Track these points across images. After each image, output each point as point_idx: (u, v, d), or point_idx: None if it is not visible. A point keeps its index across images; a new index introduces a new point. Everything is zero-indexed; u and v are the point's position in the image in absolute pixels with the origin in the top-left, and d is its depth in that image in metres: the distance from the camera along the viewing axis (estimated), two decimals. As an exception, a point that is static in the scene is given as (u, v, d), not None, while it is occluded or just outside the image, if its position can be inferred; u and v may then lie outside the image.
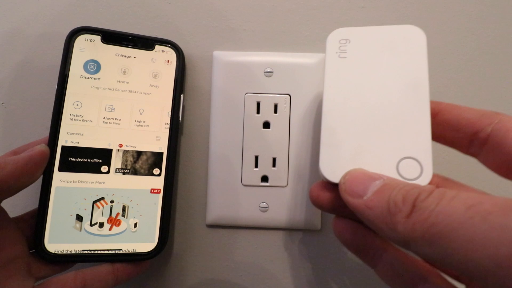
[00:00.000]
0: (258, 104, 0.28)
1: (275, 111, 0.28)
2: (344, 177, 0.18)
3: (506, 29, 0.29)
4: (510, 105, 0.29)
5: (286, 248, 0.29)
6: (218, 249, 0.29)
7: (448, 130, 0.19)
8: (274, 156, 0.28)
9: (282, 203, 0.28)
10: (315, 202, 0.20)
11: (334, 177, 0.18)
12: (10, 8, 0.29)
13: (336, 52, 0.21)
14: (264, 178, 0.28)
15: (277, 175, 0.28)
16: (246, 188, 0.28)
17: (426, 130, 0.18)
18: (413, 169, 0.18)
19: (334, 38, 0.21)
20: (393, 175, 0.18)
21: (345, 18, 0.29)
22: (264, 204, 0.28)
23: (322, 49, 0.29)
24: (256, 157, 0.28)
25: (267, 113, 0.28)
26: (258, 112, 0.28)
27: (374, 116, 0.19)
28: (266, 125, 0.28)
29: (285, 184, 0.28)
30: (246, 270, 0.29)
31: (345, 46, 0.21)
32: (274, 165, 0.28)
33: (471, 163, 0.19)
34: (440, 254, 0.13)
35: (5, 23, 0.29)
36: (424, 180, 0.17)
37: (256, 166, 0.28)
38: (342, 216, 0.20)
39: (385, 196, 0.15)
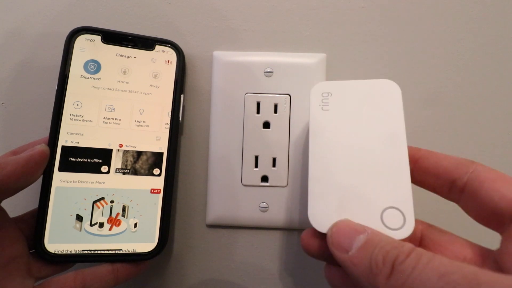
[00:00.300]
0: (258, 104, 0.28)
1: (275, 111, 0.28)
2: (331, 229, 0.18)
3: (506, 29, 0.29)
4: (510, 104, 0.29)
5: (286, 248, 0.29)
6: (218, 249, 0.29)
7: (428, 177, 0.20)
8: (274, 156, 0.28)
9: (282, 203, 0.28)
10: (306, 249, 0.21)
11: (322, 227, 0.19)
12: (10, 8, 0.29)
13: (319, 105, 0.22)
14: (264, 178, 0.28)
15: (277, 175, 0.28)
16: (246, 188, 0.28)
17: (406, 180, 0.19)
18: (396, 219, 0.18)
19: (317, 91, 0.22)
20: (378, 225, 0.18)
21: (345, 18, 0.29)
22: (264, 204, 0.28)
23: (322, 49, 0.29)
24: (256, 157, 0.28)
25: (267, 113, 0.28)
26: (258, 112, 0.28)
27: (357, 167, 0.20)
28: (266, 125, 0.28)
29: (285, 184, 0.28)
30: (246, 270, 0.29)
31: (327, 99, 0.22)
32: (274, 165, 0.28)
33: (454, 207, 0.20)
34: None
35: (5, 23, 0.29)
36: (407, 230, 0.18)
37: (256, 166, 0.28)
38: (333, 263, 0.21)
39: (368, 254, 0.16)
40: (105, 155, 0.25)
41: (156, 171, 0.26)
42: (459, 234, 0.20)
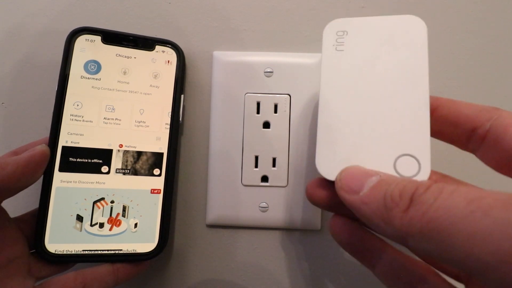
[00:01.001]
0: (258, 104, 0.28)
1: (275, 111, 0.28)
2: (340, 174, 0.17)
3: (506, 29, 0.29)
4: (510, 105, 0.29)
5: (286, 248, 0.29)
6: (218, 249, 0.29)
7: (446, 126, 0.19)
8: (274, 156, 0.28)
9: (282, 203, 0.28)
10: (311, 199, 0.20)
11: (331, 175, 0.18)
12: (10, 8, 0.29)
13: (333, 45, 0.20)
14: (264, 178, 0.28)
15: (277, 175, 0.28)
16: (246, 188, 0.28)
17: (425, 127, 0.17)
18: (410, 166, 0.17)
19: (331, 29, 0.20)
20: (390, 172, 0.17)
21: (345, 18, 0.29)
22: (264, 204, 0.28)
23: (322, 49, 0.29)
24: (256, 157, 0.28)
25: (267, 113, 0.28)
26: (258, 112, 0.28)
27: (372, 112, 0.18)
28: (266, 125, 0.28)
29: (285, 184, 0.28)
30: (246, 270, 0.29)
31: (343, 38, 0.20)
32: (274, 165, 0.28)
33: (470, 159, 0.19)
34: (439, 250, 0.12)
35: (5, 22, 0.29)
36: (422, 177, 0.17)
37: (256, 166, 0.28)
38: (339, 215, 0.20)
39: (382, 191, 0.15)
40: (105, 155, 0.25)
41: (156, 171, 0.26)
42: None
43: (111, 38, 0.26)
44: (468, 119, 0.18)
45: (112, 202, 0.25)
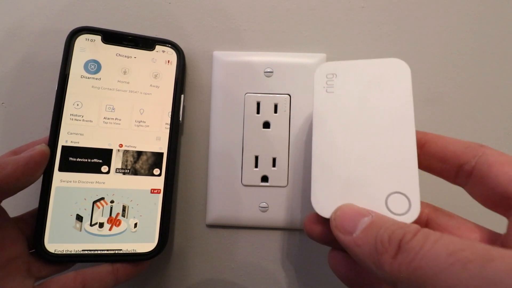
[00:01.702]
0: (258, 104, 0.28)
1: (275, 111, 0.28)
2: (335, 213, 0.18)
3: (506, 29, 0.29)
4: (510, 104, 0.29)
5: (286, 248, 0.29)
6: (218, 249, 0.29)
7: (435, 162, 0.20)
8: (274, 156, 0.28)
9: (282, 203, 0.28)
10: (310, 235, 0.21)
11: (326, 212, 0.19)
12: (10, 8, 0.29)
13: (324, 87, 0.21)
14: (264, 178, 0.28)
15: (277, 175, 0.28)
16: (246, 188, 0.28)
17: (413, 165, 0.18)
18: (401, 204, 0.18)
19: (321, 72, 0.22)
20: (383, 210, 0.18)
21: (345, 18, 0.29)
22: (264, 204, 0.28)
23: (322, 49, 0.29)
24: (256, 157, 0.28)
25: (267, 113, 0.28)
26: (258, 112, 0.28)
27: (362, 151, 0.19)
28: (266, 125, 0.28)
29: (285, 184, 0.28)
30: (246, 270, 0.29)
31: (332, 80, 0.21)
32: (274, 165, 0.28)
33: (460, 191, 0.20)
34: None
35: (5, 22, 0.29)
36: (412, 215, 0.18)
37: (256, 166, 0.28)
38: (336, 249, 0.21)
39: (373, 235, 0.15)
40: (105, 155, 0.25)
41: (156, 171, 0.26)
42: (465, 218, 0.20)
43: (111, 37, 0.26)
44: (454, 155, 0.19)
45: (112, 202, 0.25)
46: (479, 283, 0.12)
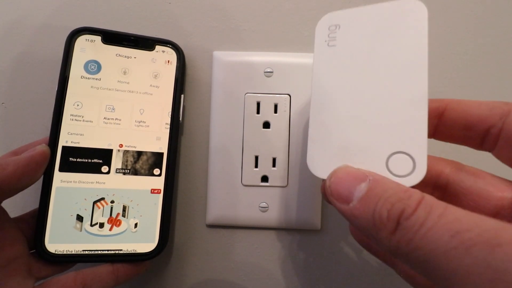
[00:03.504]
0: (258, 104, 0.28)
1: (275, 111, 0.28)
2: (329, 178, 0.17)
3: (506, 29, 0.29)
4: (510, 105, 0.29)
5: (286, 248, 0.29)
6: (218, 249, 0.29)
7: (458, 130, 0.18)
8: (274, 156, 0.28)
9: (282, 203, 0.28)
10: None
11: (322, 173, 0.18)
12: (9, 7, 0.29)
13: (325, 40, 0.19)
14: (264, 178, 0.28)
15: (277, 175, 0.28)
16: (246, 188, 0.28)
17: (422, 123, 0.16)
18: (404, 164, 0.16)
19: (323, 24, 0.19)
20: (383, 171, 0.16)
21: (345, 18, 0.29)
22: (264, 204, 0.28)
23: (322, 49, 0.29)
24: (256, 157, 0.28)
25: (267, 113, 0.28)
26: (258, 112, 0.28)
27: (366, 108, 0.17)
28: (266, 125, 0.28)
29: (285, 184, 0.28)
30: (246, 270, 0.29)
31: (335, 32, 0.19)
32: (274, 165, 0.28)
33: (486, 156, 0.18)
34: (424, 275, 0.13)
35: (4, 21, 0.29)
36: (416, 177, 0.16)
37: (256, 166, 0.28)
38: None
39: (371, 207, 0.14)
40: (105, 155, 0.25)
41: (156, 171, 0.26)
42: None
43: (111, 38, 0.26)
44: (479, 119, 0.17)
45: (112, 202, 0.25)
46: (483, 270, 0.11)
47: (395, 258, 0.14)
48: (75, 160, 0.25)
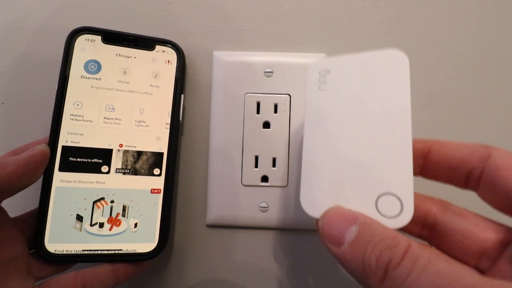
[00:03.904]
0: (258, 104, 0.28)
1: (275, 111, 0.28)
2: (321, 220, 0.17)
3: (506, 29, 0.29)
4: (510, 104, 0.29)
5: (286, 248, 0.29)
6: (218, 249, 0.29)
7: (442, 170, 0.19)
8: (274, 156, 0.28)
9: (282, 203, 0.28)
10: None
11: (315, 213, 0.18)
12: (8, 7, 0.29)
13: (316, 84, 0.20)
14: (264, 178, 0.28)
15: (277, 175, 0.28)
16: (246, 188, 0.28)
17: (408, 165, 0.17)
18: (392, 206, 0.17)
19: (314, 69, 0.21)
20: (373, 212, 0.17)
21: (345, 18, 0.29)
22: (264, 204, 0.28)
23: (322, 49, 0.29)
24: (256, 157, 0.28)
25: (267, 113, 0.28)
26: (258, 112, 0.28)
27: (354, 150, 0.18)
28: (266, 125, 0.28)
29: (285, 184, 0.28)
30: (246, 270, 0.29)
31: (325, 77, 0.20)
32: (274, 165, 0.28)
33: (471, 195, 0.19)
34: None
35: (4, 20, 0.29)
36: (404, 219, 0.16)
37: (256, 166, 0.28)
38: None
39: (361, 253, 0.15)
40: (105, 155, 0.25)
41: (156, 171, 0.26)
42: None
43: (111, 38, 0.26)
44: (461, 162, 0.18)
45: (112, 202, 0.25)
46: None
47: None
48: (75, 160, 0.25)
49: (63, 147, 0.24)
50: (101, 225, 0.24)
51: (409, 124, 0.18)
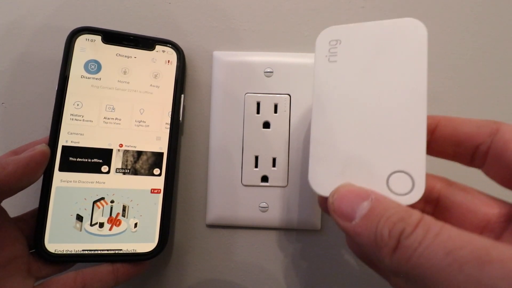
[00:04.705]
0: (258, 104, 0.28)
1: (275, 111, 0.28)
2: (332, 196, 0.17)
3: (506, 29, 0.29)
4: (510, 104, 0.29)
5: (286, 248, 0.29)
6: (218, 249, 0.29)
7: (448, 146, 0.19)
8: (274, 156, 0.28)
9: (282, 203, 0.28)
10: (323, 209, 0.20)
11: (324, 191, 0.18)
12: (8, 6, 0.29)
13: (326, 56, 0.19)
14: (264, 178, 0.28)
15: (277, 175, 0.28)
16: (246, 188, 0.28)
17: (421, 143, 0.17)
18: (404, 183, 0.17)
19: (324, 38, 0.19)
20: (383, 189, 0.17)
21: (345, 18, 0.29)
22: (264, 204, 0.28)
23: (322, 49, 0.29)
24: (256, 157, 0.28)
25: (267, 113, 0.28)
26: (258, 112, 0.28)
27: (366, 126, 0.18)
28: (266, 125, 0.28)
29: (285, 184, 0.28)
30: (246, 270, 0.29)
31: (336, 48, 0.19)
32: (274, 165, 0.28)
33: (476, 173, 0.19)
34: None
35: (4, 20, 0.29)
36: (415, 196, 0.16)
37: (256, 166, 0.28)
38: None
39: (373, 226, 0.15)
40: (105, 155, 0.25)
41: (156, 171, 0.26)
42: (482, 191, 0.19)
43: (111, 37, 0.26)
44: (468, 137, 0.18)
45: (112, 201, 0.25)
46: (475, 287, 0.11)
47: (395, 277, 0.14)
48: (75, 159, 0.25)
49: (63, 147, 0.24)
50: (101, 225, 0.24)
51: (425, 99, 0.17)
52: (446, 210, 0.19)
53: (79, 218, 0.24)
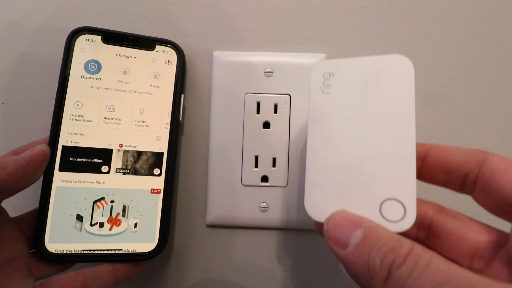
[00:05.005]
0: (258, 104, 0.28)
1: (275, 111, 0.28)
2: (327, 222, 0.18)
3: (506, 29, 0.29)
4: (510, 104, 0.29)
5: (286, 248, 0.29)
6: (218, 249, 0.29)
7: (439, 173, 0.19)
8: (274, 156, 0.28)
9: (282, 203, 0.28)
10: (319, 232, 0.21)
11: (319, 217, 0.19)
12: (8, 6, 0.29)
13: (320, 87, 0.20)
14: (264, 178, 0.28)
15: (277, 175, 0.28)
16: (246, 188, 0.28)
17: (411, 171, 0.17)
18: (396, 211, 0.17)
19: (318, 71, 0.20)
20: (376, 217, 0.17)
21: (345, 18, 0.29)
22: (264, 204, 0.28)
23: (322, 49, 0.29)
24: (256, 157, 0.28)
25: (267, 113, 0.28)
26: (258, 112, 0.28)
27: (358, 155, 0.19)
28: (266, 125, 0.28)
29: (285, 184, 0.28)
30: (246, 270, 0.29)
31: (329, 80, 0.20)
32: (274, 165, 0.28)
33: (467, 199, 0.19)
34: None
35: (4, 20, 0.29)
36: (407, 223, 0.17)
37: (256, 166, 0.28)
38: None
39: (365, 254, 0.15)
40: (105, 155, 0.25)
41: (156, 171, 0.26)
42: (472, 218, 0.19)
43: (112, 38, 0.26)
44: (457, 166, 0.19)
45: (112, 201, 0.25)
46: None
47: None
48: (75, 159, 0.25)
49: (63, 147, 0.24)
50: (101, 225, 0.24)
51: (413, 131, 0.18)
52: (438, 236, 0.19)
53: (79, 218, 0.24)
